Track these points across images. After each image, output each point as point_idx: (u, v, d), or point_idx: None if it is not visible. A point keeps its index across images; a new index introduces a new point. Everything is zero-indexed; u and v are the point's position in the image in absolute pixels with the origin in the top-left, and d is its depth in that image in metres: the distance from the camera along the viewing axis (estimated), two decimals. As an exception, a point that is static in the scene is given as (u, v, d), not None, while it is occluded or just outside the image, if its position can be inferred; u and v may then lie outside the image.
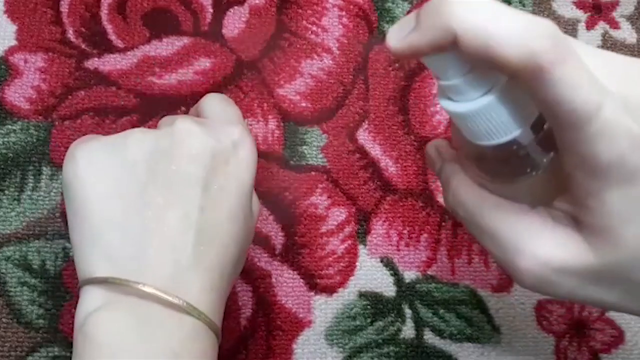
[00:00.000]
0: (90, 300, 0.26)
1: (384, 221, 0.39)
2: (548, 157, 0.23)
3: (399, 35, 0.21)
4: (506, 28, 0.19)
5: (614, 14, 0.44)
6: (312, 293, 0.38)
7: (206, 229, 0.27)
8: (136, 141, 0.27)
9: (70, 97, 0.38)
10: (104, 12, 0.40)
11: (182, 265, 0.26)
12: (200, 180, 0.27)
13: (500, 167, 0.24)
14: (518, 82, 0.20)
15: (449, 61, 0.21)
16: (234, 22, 0.41)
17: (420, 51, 0.21)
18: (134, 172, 0.27)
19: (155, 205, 0.26)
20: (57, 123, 0.38)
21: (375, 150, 0.40)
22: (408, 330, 0.38)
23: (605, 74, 0.21)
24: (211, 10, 0.41)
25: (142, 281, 0.25)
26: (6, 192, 0.37)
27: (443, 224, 0.39)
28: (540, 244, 0.23)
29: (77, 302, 0.26)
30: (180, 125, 0.28)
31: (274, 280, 0.37)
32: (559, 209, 0.24)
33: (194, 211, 0.26)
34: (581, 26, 0.44)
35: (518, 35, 0.19)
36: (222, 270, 0.27)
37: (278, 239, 0.38)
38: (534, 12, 0.44)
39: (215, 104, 0.32)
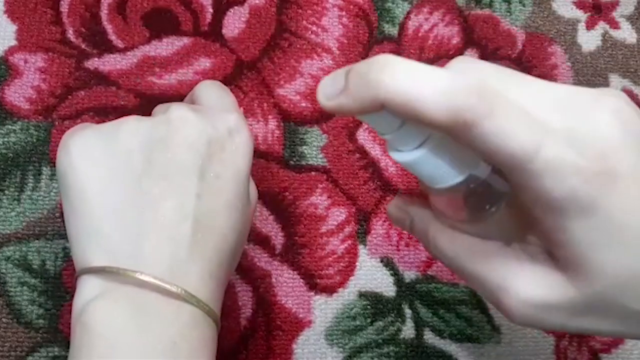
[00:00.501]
0: (87, 289, 0.25)
1: (384, 221, 0.39)
2: (507, 190, 0.23)
3: (329, 93, 0.22)
4: (430, 90, 0.19)
5: (614, 14, 0.44)
6: (312, 293, 0.38)
7: (203, 218, 0.26)
8: (131, 129, 0.27)
9: (70, 97, 0.38)
10: (104, 12, 0.40)
11: (179, 254, 0.26)
12: (197, 169, 0.27)
13: (458, 208, 0.24)
14: (451, 137, 0.21)
15: (381, 119, 0.22)
16: (234, 22, 0.41)
17: (350, 113, 0.22)
18: (129, 161, 0.27)
19: (152, 195, 0.26)
20: (57, 123, 0.38)
21: (375, 150, 0.40)
22: (408, 330, 0.38)
23: (549, 108, 0.21)
24: (211, 10, 0.41)
25: (140, 270, 0.25)
26: (6, 192, 0.37)
27: (443, 224, 0.39)
28: (520, 283, 0.23)
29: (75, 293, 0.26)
30: (175, 113, 0.28)
31: (274, 280, 0.37)
32: (533, 243, 0.24)
33: (191, 200, 0.26)
34: (581, 26, 0.44)
35: (441, 95, 0.19)
36: (220, 258, 0.27)
37: (278, 239, 0.38)
38: (534, 12, 0.44)
39: (210, 91, 0.32)
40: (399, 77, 0.20)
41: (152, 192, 0.26)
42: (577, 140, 0.20)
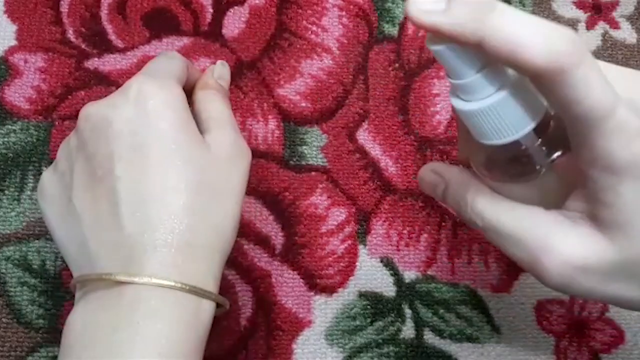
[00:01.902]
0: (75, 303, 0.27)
1: (384, 221, 0.39)
2: (555, 155, 0.24)
3: (427, 9, 0.21)
4: (531, 33, 0.20)
5: (614, 14, 0.44)
6: (312, 293, 0.38)
7: (134, 194, 0.26)
8: (63, 152, 0.29)
9: (70, 97, 0.38)
10: (104, 12, 0.40)
11: (123, 242, 0.26)
12: (109, 155, 0.27)
13: (509, 167, 0.25)
14: (537, 83, 0.21)
15: (463, 59, 0.22)
16: (234, 22, 0.41)
17: (441, 34, 0.21)
18: (62, 183, 0.28)
19: (85, 201, 0.27)
20: (57, 123, 0.38)
21: (375, 150, 0.40)
22: (408, 330, 0.38)
23: (614, 80, 0.22)
24: (211, 10, 0.41)
25: (95, 272, 0.26)
26: (6, 192, 0.37)
27: (443, 224, 0.39)
28: (563, 242, 0.24)
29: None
30: (80, 115, 0.29)
31: (274, 280, 0.37)
32: (573, 208, 0.25)
33: (113, 185, 0.26)
34: (581, 26, 0.44)
35: (542, 39, 0.20)
36: (174, 223, 0.26)
37: (278, 239, 0.38)
38: (533, 12, 0.44)
39: (150, 62, 0.32)
40: (504, 16, 0.20)
41: (84, 199, 0.27)
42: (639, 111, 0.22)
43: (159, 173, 0.26)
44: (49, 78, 0.38)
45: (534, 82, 0.22)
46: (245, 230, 0.38)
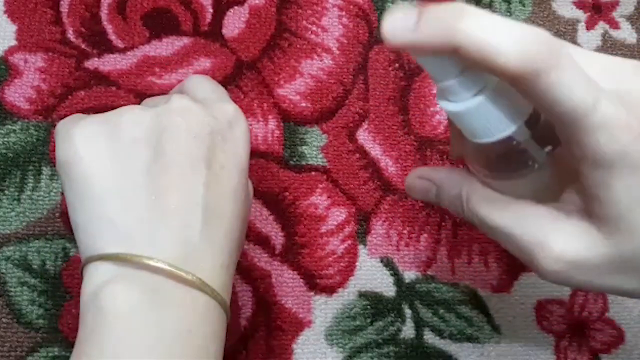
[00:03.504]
0: (99, 275, 0.25)
1: (384, 221, 0.39)
2: (546, 150, 0.24)
3: (397, 30, 0.22)
4: (504, 38, 0.20)
5: (614, 14, 0.44)
6: (312, 293, 0.38)
7: (212, 207, 0.27)
8: (134, 118, 0.27)
9: (70, 97, 0.38)
10: (104, 12, 0.40)
11: (193, 243, 0.26)
12: (203, 159, 0.27)
13: (502, 163, 0.25)
14: (515, 86, 0.21)
15: (443, 64, 0.22)
16: (234, 22, 0.41)
17: (418, 51, 0.22)
18: (135, 149, 0.26)
19: (161, 183, 0.26)
20: (57, 123, 0.38)
21: (375, 150, 0.40)
22: (408, 330, 0.38)
23: (598, 73, 0.22)
24: (211, 10, 0.41)
25: (154, 256, 0.25)
26: (6, 192, 0.37)
27: (443, 224, 0.39)
28: (555, 238, 0.24)
29: (78, 297, 0.26)
30: (177, 103, 0.28)
31: (274, 280, 0.37)
32: (568, 202, 0.25)
33: (199, 189, 0.26)
34: (581, 26, 0.44)
35: (515, 44, 0.20)
36: (230, 247, 0.27)
37: (278, 239, 0.38)
38: (534, 12, 0.44)
39: (204, 84, 0.32)
40: (475, 22, 0.20)
41: (160, 180, 0.26)
42: (626, 101, 0.22)
43: (233, 199, 0.28)
44: (49, 78, 0.38)
45: (513, 85, 0.22)
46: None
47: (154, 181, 0.26)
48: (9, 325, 0.35)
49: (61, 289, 0.36)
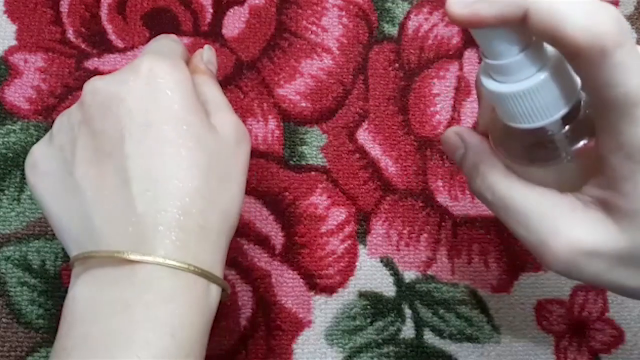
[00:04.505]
0: (73, 276, 0.27)
1: (384, 221, 0.39)
2: (580, 144, 0.24)
3: (463, 1, 0.21)
4: (576, 8, 0.20)
5: (614, 14, 0.44)
6: (312, 293, 0.38)
7: (144, 172, 0.25)
8: (61, 125, 0.28)
9: (70, 97, 0.38)
10: (104, 12, 0.40)
11: (131, 219, 0.25)
12: (119, 131, 0.26)
13: (532, 151, 0.25)
14: (573, 62, 0.21)
15: (504, 39, 0.22)
16: (234, 22, 0.41)
17: (484, 22, 0.21)
18: (62, 157, 0.27)
19: (88, 177, 0.26)
20: (57, 123, 0.38)
21: (375, 150, 0.40)
22: (408, 330, 0.38)
23: None
24: (211, 10, 0.41)
25: (99, 248, 0.25)
26: (6, 192, 0.37)
27: (443, 224, 0.39)
28: (574, 225, 0.24)
29: None
30: (85, 90, 0.28)
31: (274, 280, 0.37)
32: (588, 194, 0.25)
33: (122, 162, 0.26)
34: (581, 26, 0.44)
35: (587, 15, 0.20)
36: (185, 205, 0.26)
37: (278, 239, 0.38)
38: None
39: (153, 42, 0.31)
40: None
41: (88, 174, 0.26)
42: None
43: (172, 154, 0.26)
44: (49, 78, 0.38)
45: (571, 61, 0.21)
46: (245, 230, 0.38)
47: (81, 179, 0.26)
48: (9, 325, 0.35)
49: (61, 289, 0.36)
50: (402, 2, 0.43)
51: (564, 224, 0.24)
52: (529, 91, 0.22)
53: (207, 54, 0.33)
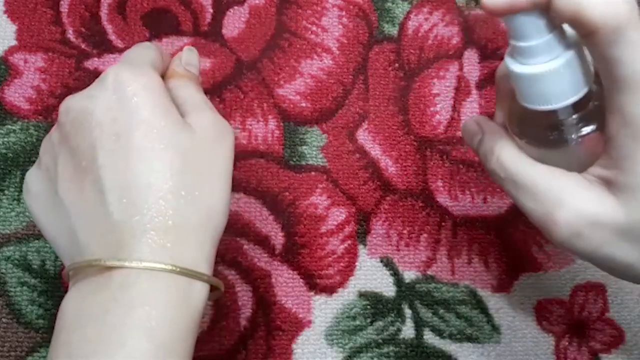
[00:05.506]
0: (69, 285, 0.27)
1: (384, 221, 0.39)
2: (587, 130, 0.26)
3: None
4: None
5: (614, 14, 0.44)
6: (312, 293, 0.38)
7: (119, 181, 0.26)
8: (46, 148, 0.29)
9: (70, 97, 0.38)
10: (104, 12, 0.40)
11: (114, 228, 0.26)
12: (91, 145, 0.26)
13: (544, 133, 0.27)
14: (590, 41, 0.23)
15: (533, 22, 0.24)
16: (234, 22, 0.41)
17: (519, 7, 0.23)
18: (47, 178, 0.28)
19: (71, 192, 0.27)
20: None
21: (375, 150, 0.40)
22: (408, 330, 0.38)
23: None
24: (211, 10, 0.41)
25: (84, 259, 0.26)
26: (6, 192, 0.37)
27: (443, 224, 0.39)
28: (578, 197, 0.25)
29: None
30: (61, 110, 0.28)
31: (274, 280, 0.37)
32: (592, 174, 0.26)
33: (96, 174, 0.26)
34: (581, 26, 0.44)
35: (604, 1, 0.22)
36: (161, 207, 0.26)
37: (278, 239, 0.38)
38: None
39: (128, 52, 0.32)
40: None
41: (70, 190, 0.27)
42: None
43: (142, 158, 0.26)
44: (49, 78, 0.38)
45: (588, 39, 0.23)
46: (245, 230, 0.38)
47: (65, 196, 0.27)
48: (9, 325, 0.35)
49: (61, 289, 0.36)
50: (402, 2, 0.43)
51: (569, 196, 0.25)
52: (549, 73, 0.24)
53: (185, 56, 0.34)
